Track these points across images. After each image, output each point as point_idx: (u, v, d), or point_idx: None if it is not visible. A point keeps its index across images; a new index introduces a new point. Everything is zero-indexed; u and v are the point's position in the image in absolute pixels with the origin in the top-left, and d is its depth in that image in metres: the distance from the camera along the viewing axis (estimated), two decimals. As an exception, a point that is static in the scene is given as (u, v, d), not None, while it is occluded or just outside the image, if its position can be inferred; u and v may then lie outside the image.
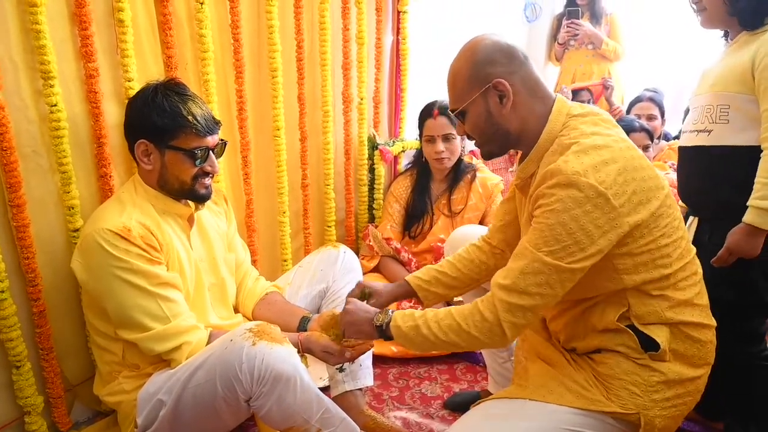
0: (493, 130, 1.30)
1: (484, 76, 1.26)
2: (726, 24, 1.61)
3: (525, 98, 1.27)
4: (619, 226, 1.15)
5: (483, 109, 1.28)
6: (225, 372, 1.34)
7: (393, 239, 2.45)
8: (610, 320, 1.25)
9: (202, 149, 1.49)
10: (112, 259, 1.39)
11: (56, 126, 1.53)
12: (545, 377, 1.31)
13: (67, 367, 1.70)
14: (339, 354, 1.52)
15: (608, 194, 1.14)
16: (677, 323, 1.24)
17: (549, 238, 1.16)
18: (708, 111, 1.59)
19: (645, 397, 1.21)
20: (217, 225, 1.74)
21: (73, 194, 1.59)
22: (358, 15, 2.38)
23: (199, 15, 1.83)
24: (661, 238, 1.21)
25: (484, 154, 1.38)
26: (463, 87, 1.30)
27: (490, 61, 1.26)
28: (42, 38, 1.46)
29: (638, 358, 1.24)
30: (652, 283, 1.22)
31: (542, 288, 1.17)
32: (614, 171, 1.16)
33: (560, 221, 1.15)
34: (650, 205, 1.19)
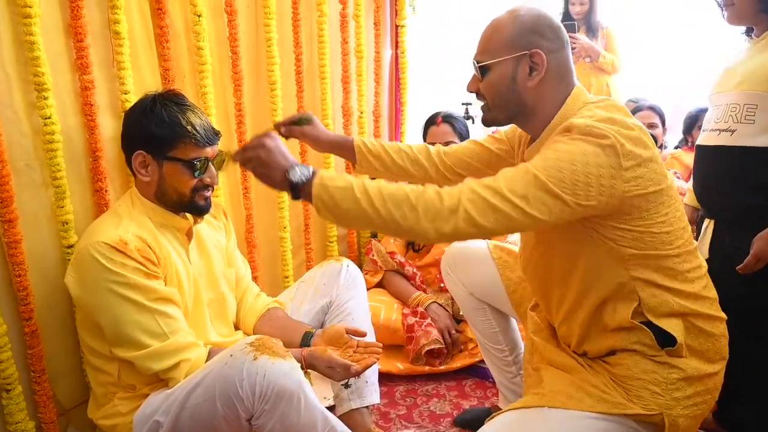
0: (510, 96, 1.26)
1: (526, 43, 1.22)
2: (755, 20, 1.56)
3: (553, 79, 1.24)
4: (615, 186, 1.10)
5: (510, 72, 1.24)
6: (225, 389, 1.27)
7: (397, 253, 2.40)
8: (624, 318, 1.20)
9: (201, 160, 1.45)
10: (107, 273, 1.34)
11: (50, 139, 1.48)
12: (562, 383, 1.25)
13: (60, 390, 1.63)
14: (344, 369, 1.46)
15: (619, 150, 1.09)
16: (689, 314, 1.20)
17: (550, 160, 1.10)
18: (733, 110, 1.53)
19: (666, 396, 1.17)
20: (216, 239, 1.69)
21: (67, 209, 1.54)
22: (357, 29, 2.37)
23: (196, 28, 1.80)
24: (662, 225, 1.17)
25: (488, 119, 1.33)
26: (500, 43, 1.25)
27: (537, 31, 1.23)
28: (36, 50, 1.43)
29: (655, 355, 1.19)
30: (659, 273, 1.18)
31: (522, 200, 1.07)
32: (627, 137, 1.13)
33: (569, 149, 1.10)
34: (651, 187, 1.15)
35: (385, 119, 2.64)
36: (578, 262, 1.22)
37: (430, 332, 2.13)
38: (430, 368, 2.15)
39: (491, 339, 1.78)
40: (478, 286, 1.73)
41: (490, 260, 1.69)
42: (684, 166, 2.97)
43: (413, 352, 2.14)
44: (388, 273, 2.40)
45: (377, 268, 2.40)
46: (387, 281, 2.39)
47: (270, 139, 1.20)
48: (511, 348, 1.78)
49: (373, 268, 2.41)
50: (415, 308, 2.24)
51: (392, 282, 2.37)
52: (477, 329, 1.81)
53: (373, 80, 2.53)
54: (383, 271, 2.40)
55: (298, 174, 1.14)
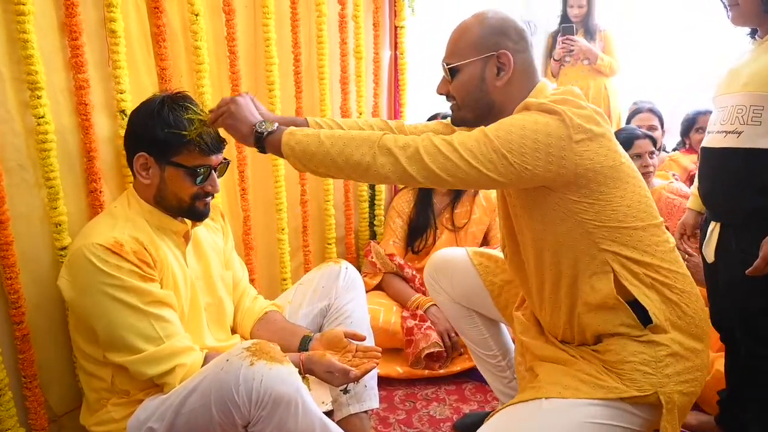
0: (479, 96, 1.31)
1: (493, 44, 1.27)
2: (759, 20, 1.54)
3: (519, 78, 1.29)
4: (565, 157, 1.16)
5: (478, 74, 1.29)
6: (221, 395, 1.24)
7: (396, 255, 2.38)
8: (608, 293, 1.22)
9: (204, 168, 1.42)
10: (101, 276, 1.31)
11: (43, 139, 1.46)
12: (556, 374, 1.26)
13: (52, 396, 1.59)
14: (343, 374, 1.44)
15: (569, 123, 1.16)
16: (661, 287, 1.23)
17: (501, 125, 1.18)
18: (739, 111, 1.50)
19: (658, 374, 1.19)
20: (213, 242, 1.66)
21: (60, 210, 1.51)
22: (356, 29, 2.35)
23: (194, 27, 1.78)
24: (621, 199, 1.22)
25: (456, 119, 1.38)
26: (468, 45, 1.29)
27: (503, 32, 1.28)
28: (29, 48, 1.40)
29: (640, 335, 1.22)
30: (627, 246, 1.22)
31: (469, 153, 1.16)
32: (581, 115, 1.18)
33: (519, 119, 1.18)
34: (604, 161, 1.20)
35: (384, 120, 2.62)
36: (548, 240, 1.26)
37: (429, 335, 2.10)
38: (429, 372, 2.12)
39: (482, 345, 1.76)
40: (462, 294, 1.72)
41: (471, 267, 1.68)
42: (682, 168, 2.95)
43: (412, 356, 2.11)
44: (387, 275, 2.37)
45: (376, 270, 2.38)
46: (386, 283, 2.36)
47: (241, 97, 1.34)
48: (503, 353, 1.76)
49: (372, 270, 2.39)
50: (414, 311, 2.22)
51: (391, 284, 2.34)
52: (467, 337, 1.80)
53: (372, 81, 2.51)
54: (382, 273, 2.37)
55: (265, 125, 1.28)
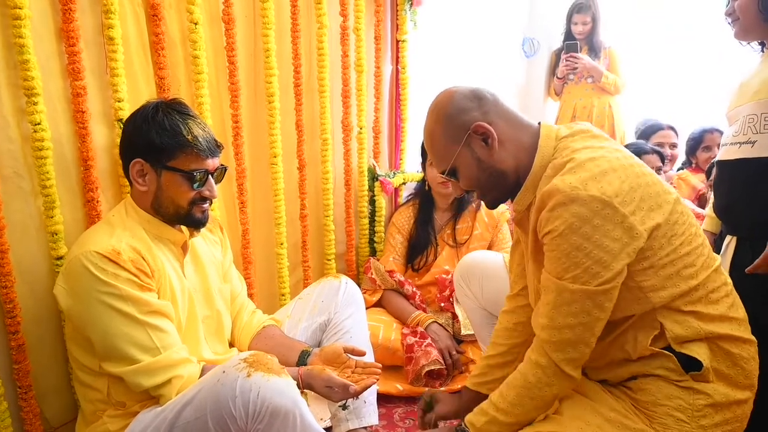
0: (487, 175, 1.24)
1: (461, 125, 1.22)
2: (762, 33, 1.53)
3: (509, 133, 1.23)
4: (636, 236, 1.07)
5: (471, 158, 1.24)
6: (217, 407, 1.21)
7: (396, 272, 2.34)
8: (645, 346, 1.14)
9: (201, 172, 1.39)
10: (98, 284, 1.27)
11: (40, 146, 1.43)
12: (579, 408, 1.19)
13: (48, 407, 1.56)
14: (342, 389, 1.40)
15: (614, 203, 1.06)
16: (715, 338, 1.14)
17: (568, 265, 1.09)
18: (751, 121, 1.48)
19: (692, 424, 1.10)
20: (212, 254, 1.63)
21: (56, 219, 1.48)
22: (357, 42, 2.34)
23: (192, 36, 1.76)
24: (681, 247, 1.12)
25: (490, 204, 1.32)
26: (444, 145, 1.25)
27: (461, 110, 1.22)
28: (26, 53, 1.39)
29: (680, 380, 1.13)
30: (682, 298, 1.13)
31: (580, 317, 1.10)
32: (616, 180, 1.09)
33: (572, 244, 1.08)
34: (662, 210, 1.11)
35: (385, 135, 2.60)
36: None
37: (430, 352, 2.05)
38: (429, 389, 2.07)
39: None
40: (491, 300, 1.67)
41: (507, 274, 1.63)
42: (691, 188, 2.93)
43: (413, 373, 2.06)
44: (387, 292, 2.33)
45: (376, 287, 2.34)
46: (386, 300, 2.32)
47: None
48: None
49: (372, 287, 2.35)
50: (414, 328, 2.17)
51: (391, 301, 2.30)
52: (486, 345, 1.74)
53: (374, 96, 2.49)
54: (382, 290, 2.33)
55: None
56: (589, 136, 1.21)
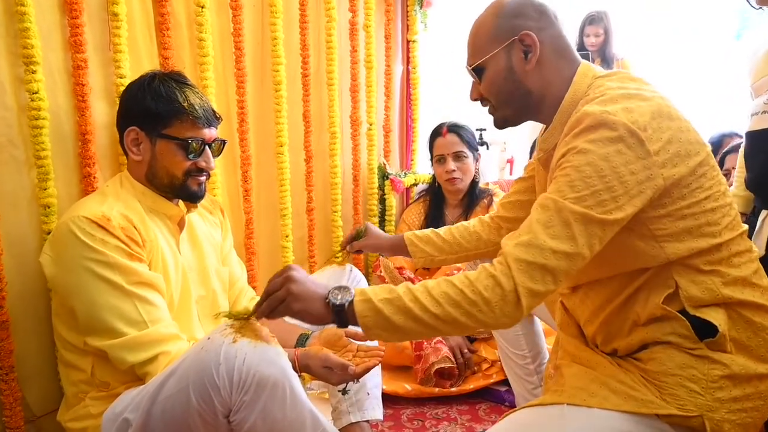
0: (512, 88, 1.17)
1: (511, 28, 1.15)
2: None
3: (552, 57, 1.16)
4: (653, 177, 0.98)
5: (505, 64, 1.16)
6: (200, 377, 1.11)
7: (405, 268, 2.26)
8: (656, 304, 1.04)
9: (197, 141, 1.35)
10: (85, 250, 1.22)
11: (36, 115, 1.40)
12: (584, 379, 1.09)
13: (31, 393, 1.48)
14: (341, 369, 1.30)
15: (642, 135, 0.98)
16: (734, 303, 1.04)
17: (576, 182, 0.99)
18: None
19: (707, 396, 0.99)
20: (210, 234, 1.58)
21: (50, 192, 1.44)
22: (367, 39, 2.32)
23: (199, 18, 1.75)
24: (706, 201, 1.03)
25: (498, 121, 1.24)
26: (486, 39, 1.17)
27: (520, 14, 1.16)
28: (26, 21, 1.37)
29: (693, 348, 1.03)
30: (701, 256, 1.03)
31: (567, 244, 0.97)
32: (647, 113, 1.00)
33: (589, 162, 0.99)
34: (690, 160, 1.02)
35: (396, 134, 2.56)
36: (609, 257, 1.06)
37: (440, 349, 1.96)
38: (440, 390, 1.97)
39: (513, 343, 1.63)
40: None
41: None
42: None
43: (422, 372, 1.96)
44: (396, 289, 2.24)
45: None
46: (395, 297, 2.23)
47: (294, 271, 1.06)
48: (534, 355, 1.62)
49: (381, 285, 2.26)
50: (424, 325, 2.08)
51: (400, 298, 2.21)
52: (499, 332, 1.66)
53: (384, 93, 2.46)
54: (391, 288, 2.24)
55: (340, 296, 1.01)
56: (628, 78, 1.13)
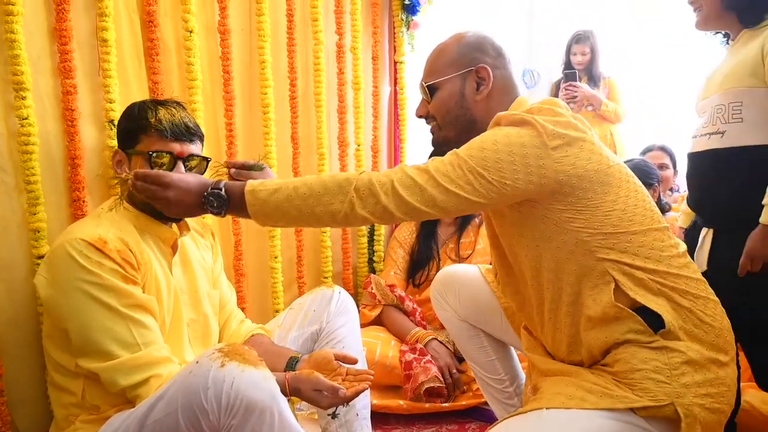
0: (460, 113, 1.29)
1: (470, 59, 1.28)
2: (723, 22, 1.55)
3: (499, 93, 1.29)
4: (543, 166, 1.11)
5: (458, 89, 1.29)
6: (188, 401, 1.12)
7: (396, 286, 2.27)
8: (607, 302, 1.11)
9: (161, 153, 1.34)
10: (81, 272, 1.22)
11: (26, 141, 1.42)
12: (561, 384, 1.14)
13: (20, 417, 1.48)
14: (332, 392, 1.31)
15: (541, 130, 1.12)
16: (671, 291, 1.13)
17: (473, 144, 1.15)
18: (719, 111, 1.49)
19: (673, 383, 1.06)
20: (202, 258, 1.58)
21: (39, 217, 1.45)
22: (354, 61, 2.35)
23: (187, 43, 1.77)
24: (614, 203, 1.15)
25: (439, 139, 1.35)
26: (446, 63, 1.30)
27: (480, 48, 1.30)
28: (16, 48, 1.40)
29: (651, 341, 1.10)
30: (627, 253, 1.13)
31: (446, 179, 1.11)
32: (552, 121, 1.14)
33: (490, 135, 1.15)
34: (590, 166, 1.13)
35: (384, 154, 2.58)
36: (544, 257, 1.19)
37: (429, 369, 1.96)
38: (432, 406, 1.98)
39: (489, 369, 1.65)
40: (470, 312, 1.62)
41: (484, 284, 1.60)
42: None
43: (411, 391, 1.96)
44: (387, 308, 2.25)
45: (376, 302, 2.26)
46: (385, 316, 2.24)
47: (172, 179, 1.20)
48: (512, 377, 1.64)
49: (372, 302, 2.27)
50: (413, 344, 2.09)
51: (391, 317, 2.22)
52: (473, 360, 1.69)
53: (371, 114, 2.48)
54: (381, 306, 2.26)
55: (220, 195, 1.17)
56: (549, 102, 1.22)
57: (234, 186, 1.18)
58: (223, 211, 1.18)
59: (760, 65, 1.41)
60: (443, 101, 1.30)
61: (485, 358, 1.64)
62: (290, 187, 1.15)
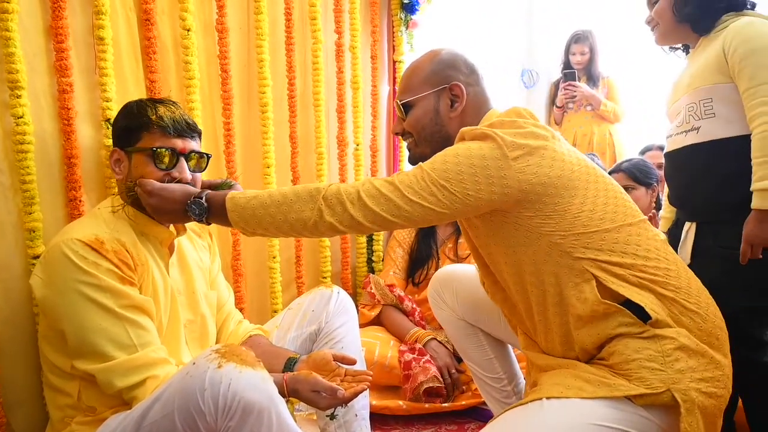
0: (435, 130, 1.32)
1: (444, 77, 1.31)
2: (680, 34, 1.64)
3: (473, 110, 1.32)
4: (505, 177, 1.13)
5: (432, 106, 1.32)
6: (184, 402, 1.10)
7: (396, 286, 2.26)
8: (594, 299, 1.12)
9: (165, 149, 1.34)
10: (77, 272, 1.21)
11: (21, 140, 1.41)
12: (559, 376, 1.15)
13: (16, 419, 1.46)
14: (330, 393, 1.30)
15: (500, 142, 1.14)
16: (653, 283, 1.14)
17: (436, 158, 1.18)
18: (691, 109, 1.56)
19: (668, 370, 1.06)
20: (199, 258, 1.57)
21: (35, 216, 1.44)
22: (353, 60, 2.34)
23: (185, 41, 1.76)
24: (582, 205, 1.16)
25: (416, 156, 1.37)
26: (420, 81, 1.33)
27: (453, 66, 1.33)
28: (11, 46, 1.38)
29: (642, 332, 1.11)
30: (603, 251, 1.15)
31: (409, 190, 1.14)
32: (512, 133, 1.16)
33: (453, 149, 1.18)
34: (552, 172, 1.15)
35: (383, 154, 2.57)
36: (523, 261, 1.21)
37: (428, 368, 1.95)
38: (432, 406, 1.97)
39: (487, 368, 1.65)
40: (470, 310, 1.62)
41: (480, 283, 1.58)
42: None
43: (410, 392, 1.95)
44: (386, 307, 2.24)
45: (375, 302, 2.25)
46: (385, 316, 2.23)
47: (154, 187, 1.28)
48: (509, 376, 1.64)
49: (371, 302, 2.26)
50: (412, 344, 2.08)
51: (390, 317, 2.21)
52: (470, 359, 1.69)
53: (370, 114, 2.47)
54: (381, 305, 2.25)
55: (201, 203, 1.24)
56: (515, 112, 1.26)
57: (216, 195, 1.24)
58: (204, 218, 1.25)
59: (723, 62, 1.48)
60: (418, 119, 1.33)
61: (483, 356, 1.64)
62: (266, 194, 1.21)
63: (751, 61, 1.42)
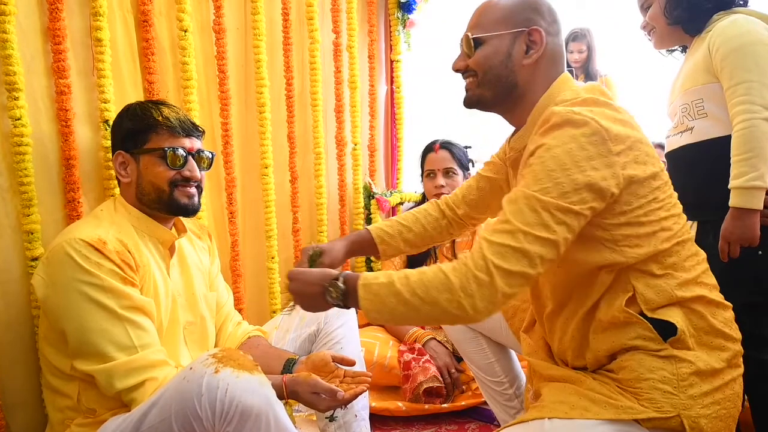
0: (503, 73, 1.18)
1: (525, 19, 1.18)
2: (675, 37, 1.67)
3: (547, 62, 1.19)
4: (614, 176, 1.02)
5: (506, 48, 1.18)
6: (182, 408, 1.11)
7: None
8: (618, 307, 1.08)
9: (175, 149, 1.36)
10: (80, 273, 1.21)
11: (19, 142, 1.41)
12: (563, 393, 1.10)
13: (15, 421, 1.46)
14: (330, 394, 1.31)
15: (605, 135, 1.02)
16: (688, 301, 1.08)
17: (540, 175, 1.03)
18: (685, 110, 1.59)
19: (681, 395, 1.02)
20: (199, 260, 1.57)
21: (34, 218, 1.44)
22: (350, 60, 2.34)
23: (182, 42, 1.76)
24: (660, 210, 1.08)
25: (473, 97, 1.24)
26: (496, 18, 1.19)
27: (537, 10, 1.19)
28: (9, 48, 1.38)
29: (659, 349, 1.06)
30: (656, 262, 1.08)
31: (539, 228, 0.99)
32: (611, 119, 1.05)
33: (553, 156, 1.03)
34: (647, 168, 1.07)
35: (381, 153, 2.57)
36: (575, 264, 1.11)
37: (428, 368, 1.96)
38: (432, 407, 1.97)
39: (488, 371, 1.64)
40: None
41: None
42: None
43: (410, 392, 1.96)
44: (384, 308, 2.24)
45: (372, 303, 2.25)
46: (382, 316, 2.23)
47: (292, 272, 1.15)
48: (511, 380, 1.64)
49: (368, 303, 2.26)
50: (412, 344, 2.08)
51: (388, 317, 2.21)
52: (472, 362, 1.68)
53: (368, 113, 2.47)
54: (378, 306, 2.24)
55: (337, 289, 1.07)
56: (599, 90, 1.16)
57: (350, 276, 1.08)
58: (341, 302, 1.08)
59: (710, 62, 1.51)
60: (487, 58, 1.19)
61: (484, 360, 1.64)
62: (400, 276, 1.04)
63: (729, 61, 1.45)
